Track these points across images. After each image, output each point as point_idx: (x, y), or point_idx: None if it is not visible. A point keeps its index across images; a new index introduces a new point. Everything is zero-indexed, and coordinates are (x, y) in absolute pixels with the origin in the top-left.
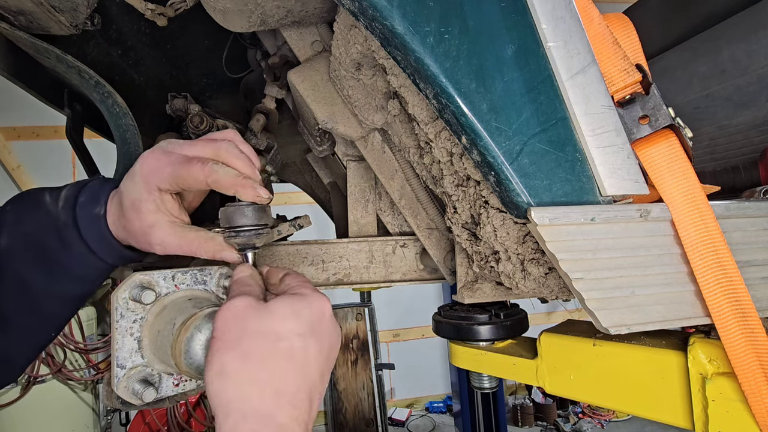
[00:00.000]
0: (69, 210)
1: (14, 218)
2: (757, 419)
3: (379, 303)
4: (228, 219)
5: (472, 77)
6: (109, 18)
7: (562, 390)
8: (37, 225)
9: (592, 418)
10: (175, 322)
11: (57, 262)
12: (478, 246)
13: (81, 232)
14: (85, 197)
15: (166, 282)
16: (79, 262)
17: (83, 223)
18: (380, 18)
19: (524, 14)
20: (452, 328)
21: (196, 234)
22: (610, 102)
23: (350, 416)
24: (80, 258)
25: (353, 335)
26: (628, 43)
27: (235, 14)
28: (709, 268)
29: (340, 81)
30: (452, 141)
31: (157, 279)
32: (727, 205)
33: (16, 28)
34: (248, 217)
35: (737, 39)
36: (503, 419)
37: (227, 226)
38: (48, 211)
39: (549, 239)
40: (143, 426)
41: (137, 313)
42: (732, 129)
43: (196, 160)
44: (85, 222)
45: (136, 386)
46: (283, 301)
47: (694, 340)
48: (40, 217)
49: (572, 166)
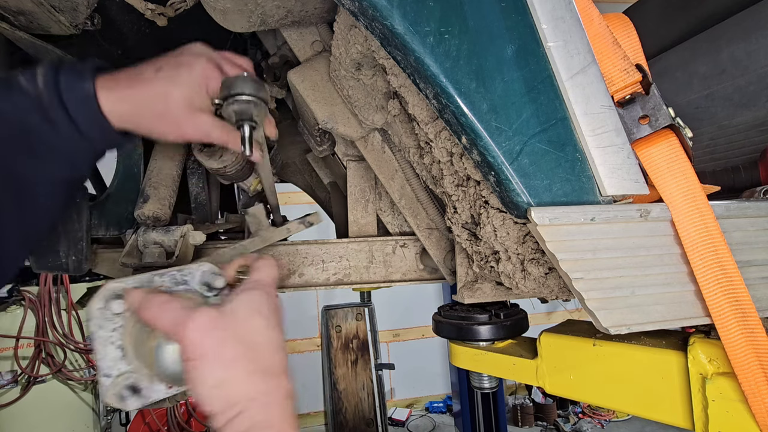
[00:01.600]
0: (52, 88)
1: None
2: (757, 419)
3: (379, 303)
4: (228, 86)
5: (472, 77)
6: (109, 18)
7: (562, 390)
8: (14, 107)
9: (592, 418)
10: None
11: (42, 144)
12: (478, 246)
13: (68, 111)
14: (67, 75)
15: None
16: (69, 144)
17: (71, 101)
18: (380, 18)
19: (524, 14)
20: (452, 328)
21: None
22: (610, 102)
23: (350, 416)
24: (69, 139)
25: (353, 335)
26: (628, 43)
27: (235, 14)
28: (709, 268)
29: (340, 81)
30: (452, 141)
31: (130, 286)
32: (727, 205)
33: (17, 28)
34: (248, 87)
35: (737, 39)
36: (503, 419)
37: (226, 94)
38: (24, 91)
39: (549, 239)
40: (143, 426)
41: (115, 322)
42: (732, 129)
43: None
44: (73, 101)
45: (124, 393)
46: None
47: (694, 340)
48: (16, 99)
49: (572, 166)
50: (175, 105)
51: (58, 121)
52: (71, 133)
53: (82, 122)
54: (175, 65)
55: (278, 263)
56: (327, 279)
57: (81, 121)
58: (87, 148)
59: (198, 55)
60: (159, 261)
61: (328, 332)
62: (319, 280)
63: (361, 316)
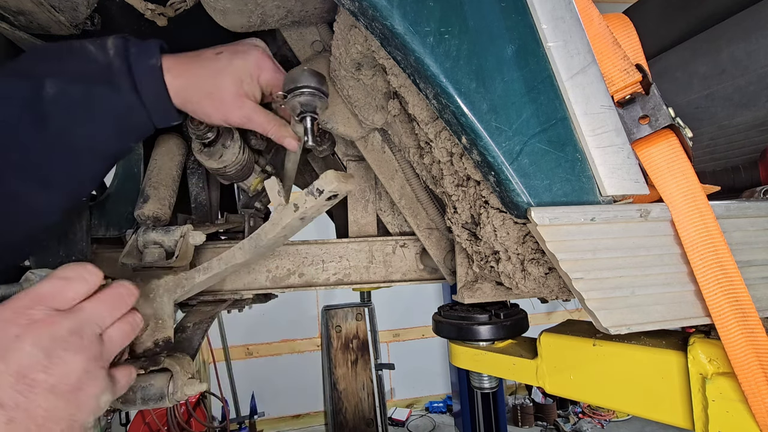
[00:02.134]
0: (122, 59)
1: (57, 68)
2: (757, 419)
3: (379, 303)
4: (293, 79)
5: (472, 77)
6: (109, 18)
7: (562, 390)
8: (82, 72)
9: (592, 418)
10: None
11: (106, 112)
12: (478, 246)
13: (135, 81)
14: (137, 48)
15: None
16: (127, 111)
17: (139, 72)
18: (380, 18)
19: (524, 14)
20: (452, 328)
21: (273, 116)
22: (610, 102)
23: (350, 416)
24: (129, 107)
25: (353, 335)
26: (628, 43)
27: (235, 14)
28: (709, 268)
29: (340, 81)
30: (452, 141)
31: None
32: (727, 205)
33: (16, 28)
34: (314, 80)
35: (737, 39)
36: (503, 419)
37: (292, 87)
38: (94, 59)
39: (549, 239)
40: (143, 426)
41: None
42: (732, 129)
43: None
44: (141, 72)
45: None
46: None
47: (694, 340)
48: (85, 65)
49: (572, 166)
50: (225, 87)
51: (123, 88)
52: (133, 101)
53: (146, 92)
54: (233, 51)
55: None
56: (327, 279)
57: (145, 91)
58: (144, 119)
59: (255, 46)
60: (159, 261)
61: (328, 332)
62: (319, 280)
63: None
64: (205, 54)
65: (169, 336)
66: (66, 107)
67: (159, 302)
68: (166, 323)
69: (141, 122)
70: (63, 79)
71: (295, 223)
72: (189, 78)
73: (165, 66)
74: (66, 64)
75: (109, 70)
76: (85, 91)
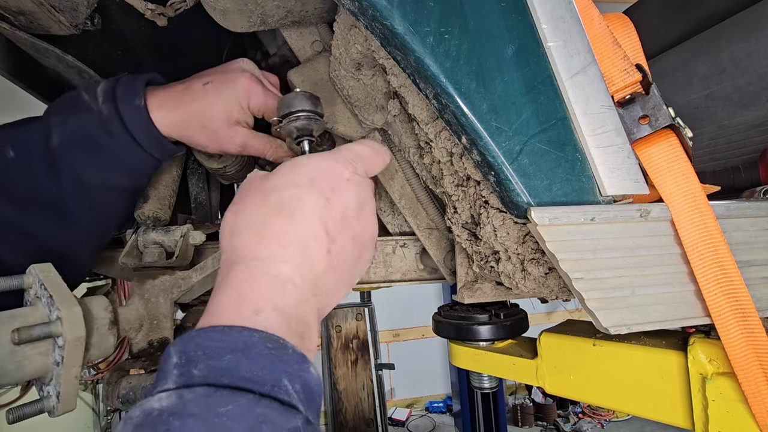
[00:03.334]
0: (110, 104)
1: (60, 120)
2: (757, 419)
3: (379, 303)
4: (288, 104)
5: (472, 77)
6: (109, 18)
7: (562, 390)
8: (81, 122)
9: (592, 418)
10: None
11: (107, 155)
12: (478, 246)
13: (125, 123)
14: (122, 90)
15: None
16: (127, 153)
17: (126, 114)
18: (380, 18)
19: (524, 14)
20: (452, 328)
21: (268, 139)
22: (610, 102)
23: (350, 416)
24: (127, 149)
25: (353, 335)
26: (628, 43)
27: (235, 14)
28: (709, 268)
29: (340, 81)
30: (452, 141)
31: None
32: (727, 205)
33: (17, 28)
34: (308, 104)
35: (737, 39)
36: (503, 419)
37: (287, 112)
38: (89, 108)
39: (549, 239)
40: None
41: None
42: (732, 129)
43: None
44: (128, 114)
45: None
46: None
47: (694, 340)
48: (83, 115)
49: (572, 166)
50: (216, 119)
51: (117, 133)
52: (129, 143)
53: (137, 133)
54: (221, 81)
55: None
56: None
57: (136, 132)
58: (144, 157)
59: (243, 71)
60: (159, 261)
61: (328, 332)
62: None
63: (361, 316)
64: (194, 86)
65: (165, 336)
66: (73, 157)
67: (154, 302)
68: (162, 324)
69: (143, 160)
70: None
71: None
72: (179, 113)
73: (155, 103)
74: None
75: (101, 117)
76: (87, 141)
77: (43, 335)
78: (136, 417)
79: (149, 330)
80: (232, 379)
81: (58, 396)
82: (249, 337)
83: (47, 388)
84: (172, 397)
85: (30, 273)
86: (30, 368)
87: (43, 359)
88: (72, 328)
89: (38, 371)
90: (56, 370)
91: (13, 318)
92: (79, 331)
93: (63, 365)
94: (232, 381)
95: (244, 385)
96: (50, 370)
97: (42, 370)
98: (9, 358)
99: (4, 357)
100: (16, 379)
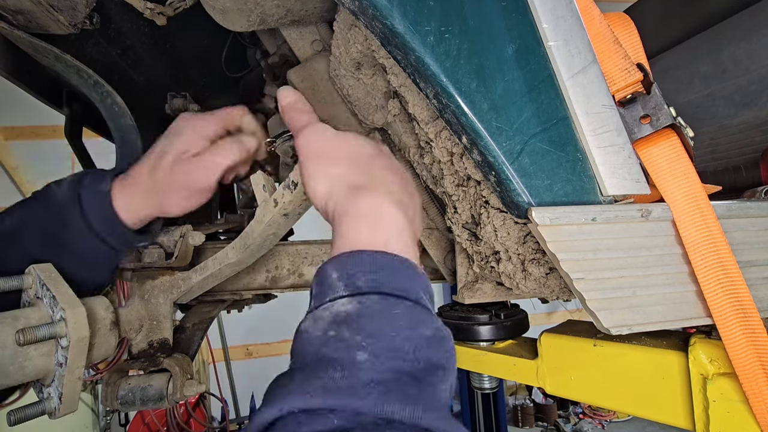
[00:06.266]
0: (73, 189)
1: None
2: (758, 420)
3: None
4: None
5: (473, 76)
6: (108, 17)
7: (563, 390)
8: (43, 209)
9: (593, 419)
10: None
11: (61, 244)
12: (478, 246)
13: (83, 207)
14: (91, 178)
15: None
16: (83, 243)
17: (87, 199)
18: (380, 17)
19: (525, 13)
20: (453, 328)
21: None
22: (611, 101)
23: None
24: (82, 238)
25: None
26: (629, 42)
27: (234, 13)
28: (710, 269)
29: (340, 80)
30: (452, 141)
31: None
32: (728, 205)
33: (15, 28)
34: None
35: (738, 38)
36: (504, 420)
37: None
38: (54, 194)
39: (550, 239)
40: (142, 426)
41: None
42: (733, 128)
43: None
44: (90, 198)
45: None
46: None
47: (695, 340)
48: (47, 202)
49: (573, 166)
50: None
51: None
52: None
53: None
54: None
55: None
56: None
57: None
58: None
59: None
60: (158, 261)
61: None
62: None
63: None
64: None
65: (165, 337)
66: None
67: (154, 303)
68: (161, 324)
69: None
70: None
71: (279, 219)
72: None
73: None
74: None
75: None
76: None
77: (48, 336)
78: (327, 317)
79: (149, 331)
80: (391, 290)
81: (60, 397)
82: (391, 260)
83: (48, 390)
84: (354, 303)
85: (30, 273)
86: (32, 369)
87: (46, 360)
88: (77, 328)
89: (40, 372)
90: (59, 372)
91: (16, 319)
92: (83, 332)
93: (66, 366)
94: (391, 291)
95: (400, 294)
96: (52, 372)
97: (44, 371)
98: (11, 359)
99: (7, 358)
100: (18, 380)
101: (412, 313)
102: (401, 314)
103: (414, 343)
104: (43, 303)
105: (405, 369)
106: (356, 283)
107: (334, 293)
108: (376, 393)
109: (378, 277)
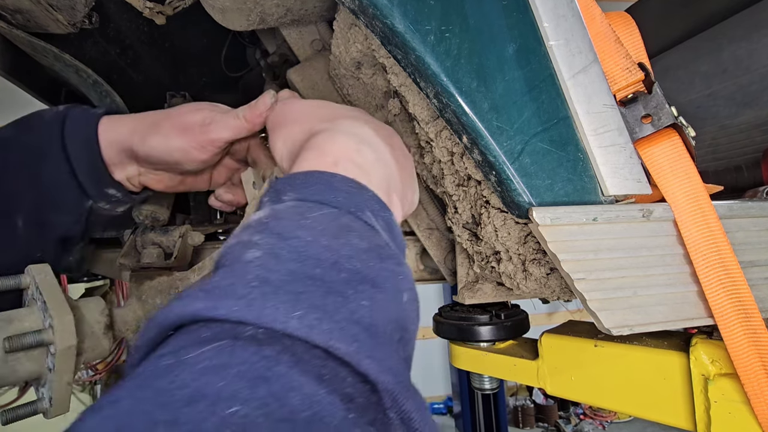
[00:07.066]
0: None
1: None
2: (759, 421)
3: None
4: None
5: (473, 76)
6: (108, 16)
7: (564, 391)
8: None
9: (594, 420)
10: None
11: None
12: (478, 246)
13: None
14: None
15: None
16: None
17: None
18: (380, 16)
19: (525, 12)
20: (453, 328)
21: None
22: (612, 101)
23: None
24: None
25: None
26: (630, 41)
27: (234, 13)
28: (711, 269)
29: (340, 80)
30: (453, 140)
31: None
32: (730, 205)
33: (14, 27)
34: None
35: (739, 38)
36: (504, 420)
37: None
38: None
39: (550, 239)
40: None
41: None
42: (734, 128)
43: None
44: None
45: None
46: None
47: (697, 340)
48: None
49: (574, 166)
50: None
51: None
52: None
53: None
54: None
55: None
56: None
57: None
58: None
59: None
60: (157, 261)
61: None
62: None
63: None
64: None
65: None
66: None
67: (151, 304)
68: None
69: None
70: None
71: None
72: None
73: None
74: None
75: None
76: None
77: (36, 343)
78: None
79: None
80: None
81: (51, 400)
82: (331, 177)
83: (42, 390)
84: (266, 210)
85: (27, 273)
86: (24, 372)
87: (36, 364)
88: (63, 337)
89: (32, 375)
90: (49, 376)
91: (9, 322)
92: (70, 341)
93: (54, 371)
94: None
95: (326, 202)
96: (44, 374)
97: (36, 373)
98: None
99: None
100: (11, 381)
101: (339, 221)
102: (321, 218)
103: (336, 252)
104: (36, 306)
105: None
106: (281, 197)
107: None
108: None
109: (306, 190)
